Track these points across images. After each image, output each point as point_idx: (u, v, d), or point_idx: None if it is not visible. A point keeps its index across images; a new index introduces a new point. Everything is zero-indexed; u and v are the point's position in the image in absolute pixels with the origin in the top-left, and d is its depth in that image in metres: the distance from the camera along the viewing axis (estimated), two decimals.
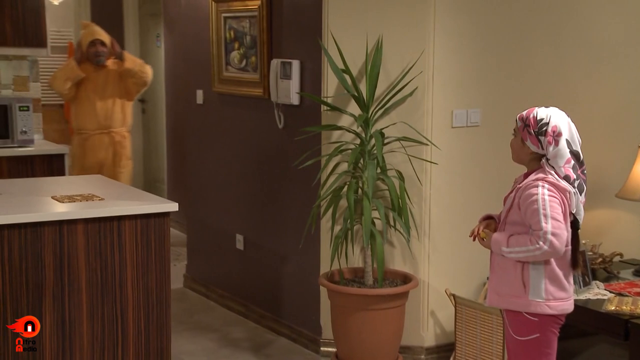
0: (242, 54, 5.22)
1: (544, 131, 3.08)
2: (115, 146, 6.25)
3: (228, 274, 5.57)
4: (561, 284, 3.16)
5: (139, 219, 3.75)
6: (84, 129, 6.19)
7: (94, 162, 6.19)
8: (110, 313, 3.73)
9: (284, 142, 4.86)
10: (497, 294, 3.23)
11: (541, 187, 3.05)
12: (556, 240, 3.00)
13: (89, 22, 6.51)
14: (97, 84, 6.16)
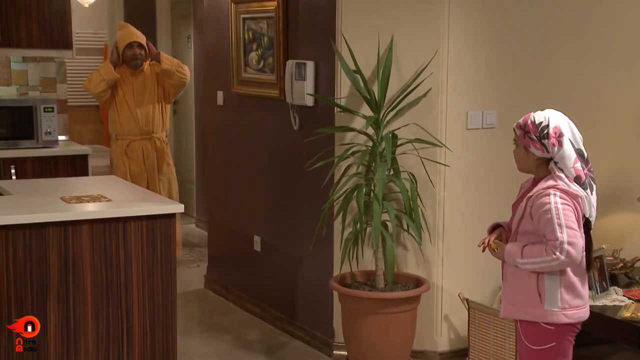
0: (259, 55, 5.21)
1: (546, 134, 3.01)
2: (157, 152, 6.14)
3: (246, 276, 5.56)
4: (577, 292, 3.08)
5: (145, 220, 3.75)
6: (124, 135, 6.07)
7: (136, 170, 6.06)
8: (115, 313, 3.74)
9: (299, 143, 4.83)
10: (512, 305, 3.15)
11: (553, 195, 2.97)
12: (573, 249, 2.93)
13: (126, 24, 6.30)
14: (135, 87, 6.05)
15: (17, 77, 6.36)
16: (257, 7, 5.15)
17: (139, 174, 6.05)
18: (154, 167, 6.11)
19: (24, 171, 5.79)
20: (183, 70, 6.08)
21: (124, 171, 6.05)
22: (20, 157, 5.79)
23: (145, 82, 6.09)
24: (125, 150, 6.06)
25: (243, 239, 5.52)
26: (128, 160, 6.06)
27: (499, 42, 4.50)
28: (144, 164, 6.10)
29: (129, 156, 6.07)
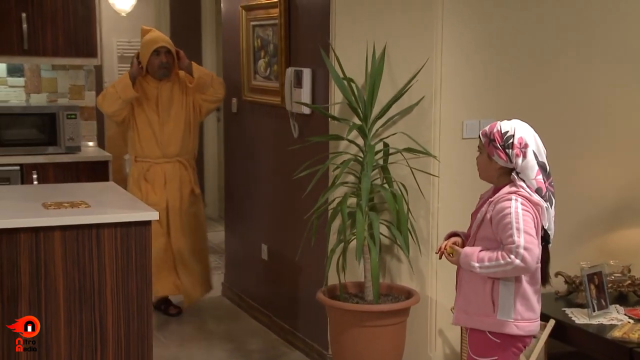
0: (266, 63, 5.18)
1: (511, 144, 2.95)
2: (181, 178, 5.32)
3: (255, 284, 5.53)
4: (531, 304, 3.02)
5: (119, 227, 3.74)
6: (144, 157, 5.28)
7: (154, 199, 5.19)
8: (88, 320, 3.75)
9: (300, 151, 4.77)
10: (465, 313, 3.10)
11: (514, 200, 2.92)
12: (529, 255, 2.85)
13: (150, 28, 5.45)
14: (160, 102, 5.25)
15: (47, 84, 6.48)
16: (264, 14, 5.12)
17: (157, 203, 5.14)
18: (177, 195, 5.29)
19: (46, 177, 5.88)
20: (217, 85, 5.32)
21: (138, 198, 5.02)
22: (42, 163, 5.89)
23: (172, 96, 5.28)
24: (144, 175, 5.28)
25: (253, 247, 5.50)
26: (146, 185, 5.27)
27: (497, 48, 4.36)
28: (166, 190, 5.28)
29: (147, 181, 5.27)
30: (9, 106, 6.17)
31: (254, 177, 5.46)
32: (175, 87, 5.30)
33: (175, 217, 5.30)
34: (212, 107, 5.42)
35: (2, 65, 6.31)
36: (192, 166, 5.41)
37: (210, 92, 5.28)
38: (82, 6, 6.12)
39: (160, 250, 5.24)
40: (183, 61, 5.25)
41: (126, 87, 5.13)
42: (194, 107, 5.33)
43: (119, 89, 5.14)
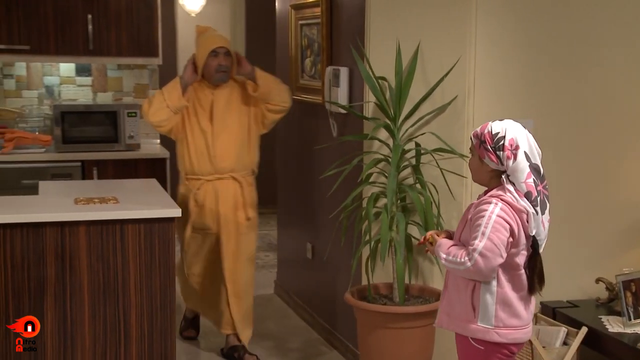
0: (312, 62, 5.18)
1: (502, 145, 2.84)
2: (236, 199, 4.58)
3: (301, 283, 5.54)
4: (514, 311, 2.91)
5: (142, 223, 3.82)
6: (194, 173, 4.56)
7: (209, 220, 4.57)
8: (112, 315, 3.84)
9: (338, 151, 4.75)
10: (447, 315, 3.05)
11: (494, 204, 2.83)
12: (482, 262, 2.77)
13: (207, 27, 4.76)
14: (214, 110, 4.54)
15: (113, 83, 6.67)
16: (310, 13, 5.12)
17: (207, 227, 4.59)
18: (231, 218, 4.57)
19: (106, 173, 6.06)
20: (282, 92, 4.62)
21: (193, 221, 4.57)
22: (102, 160, 6.06)
23: (230, 104, 4.57)
24: (194, 195, 4.54)
25: (299, 246, 5.51)
26: (196, 207, 4.55)
27: (533, 45, 4.21)
28: (218, 212, 4.55)
29: (197, 202, 4.55)
30: (72, 105, 6.38)
31: (301, 177, 5.47)
32: (234, 93, 4.61)
33: (229, 245, 4.56)
34: (277, 117, 4.66)
35: (71, 65, 6.54)
36: (250, 184, 4.62)
37: (276, 100, 4.58)
38: (145, 7, 6.27)
39: (212, 280, 4.70)
40: (245, 67, 4.58)
41: (176, 95, 4.44)
42: (255, 117, 4.62)
43: (168, 96, 4.45)
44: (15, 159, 5.99)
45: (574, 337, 3.97)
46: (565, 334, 4.03)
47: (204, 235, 4.62)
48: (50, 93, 6.56)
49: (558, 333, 4.03)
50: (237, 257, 4.62)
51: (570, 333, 4.03)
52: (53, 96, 6.56)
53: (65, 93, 6.59)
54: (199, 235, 4.63)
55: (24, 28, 6.02)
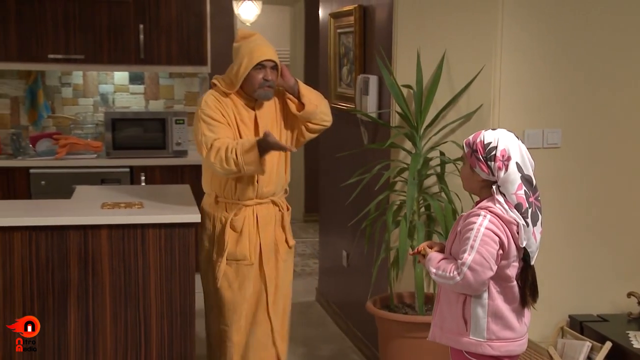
0: (348, 70, 5.19)
1: (493, 156, 2.80)
2: (276, 224, 4.04)
3: (339, 290, 5.55)
4: (507, 323, 2.87)
5: (163, 228, 3.90)
6: (231, 197, 3.94)
7: (246, 249, 3.94)
8: (133, 317, 3.92)
9: (369, 160, 4.75)
10: (440, 329, 3.01)
11: (482, 217, 2.79)
12: (472, 276, 2.73)
13: (253, 32, 4.04)
14: (259, 129, 3.92)
15: (165, 91, 6.82)
16: (346, 21, 5.14)
17: (245, 257, 3.95)
18: (271, 246, 4.01)
19: (153, 178, 6.19)
20: (326, 107, 4.03)
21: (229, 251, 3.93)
22: (150, 166, 6.20)
23: (274, 120, 3.99)
24: (230, 221, 3.93)
25: (336, 254, 5.52)
26: (233, 235, 3.94)
27: (561, 53, 4.15)
28: (258, 240, 3.96)
29: (235, 229, 3.93)
30: (123, 112, 6.55)
31: (337, 184, 5.48)
32: (276, 109, 4.02)
33: (271, 275, 4.01)
34: (313, 136, 4.11)
35: (125, 73, 6.72)
36: (287, 207, 4.11)
37: (318, 118, 3.99)
38: (195, 17, 6.40)
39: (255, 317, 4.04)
40: (288, 79, 3.95)
41: (253, 159, 3.69)
42: (292, 132, 4.07)
43: (246, 160, 3.69)
44: (68, 164, 6.18)
45: (599, 351, 3.88)
46: (590, 348, 3.94)
47: (237, 268, 3.94)
48: (105, 101, 6.75)
49: (582, 347, 3.95)
50: (278, 288, 4.06)
51: (594, 348, 3.94)
52: (107, 104, 6.75)
53: (119, 101, 6.77)
54: (230, 269, 3.93)
55: (79, 38, 6.22)
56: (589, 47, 4.16)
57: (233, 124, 3.88)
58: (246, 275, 3.95)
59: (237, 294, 3.96)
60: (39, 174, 6.10)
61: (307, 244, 7.83)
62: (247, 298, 3.97)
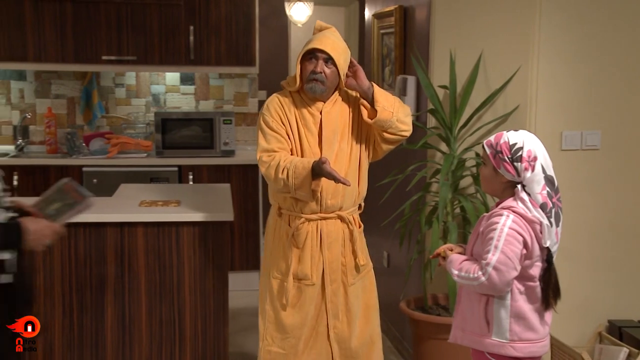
0: (390, 70, 5.19)
1: (519, 157, 2.78)
2: (344, 242, 3.68)
3: (380, 291, 5.53)
4: (529, 324, 2.84)
5: (197, 226, 3.96)
6: (294, 210, 3.62)
7: (309, 268, 3.61)
8: (168, 313, 3.99)
9: (408, 159, 4.74)
10: (462, 330, 2.99)
11: (505, 216, 2.77)
12: (497, 275, 2.71)
13: (329, 25, 3.68)
14: (324, 134, 3.58)
15: (215, 92, 6.92)
16: (388, 22, 5.14)
17: (306, 276, 3.62)
18: (337, 266, 3.66)
19: (201, 178, 6.28)
20: (404, 115, 3.58)
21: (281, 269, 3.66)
22: (198, 165, 6.29)
23: (342, 125, 3.62)
24: (292, 236, 3.62)
25: (379, 254, 5.52)
26: (294, 252, 3.62)
27: (599, 53, 4.08)
28: (322, 258, 3.63)
29: (297, 245, 3.62)
30: (172, 112, 6.66)
31: (380, 185, 5.48)
32: (346, 112, 3.63)
33: (334, 298, 3.67)
34: (391, 147, 3.70)
35: (176, 74, 6.83)
36: (359, 224, 3.76)
37: (394, 127, 3.56)
38: (244, 18, 6.47)
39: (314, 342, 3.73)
40: (362, 81, 3.55)
41: (306, 190, 3.44)
42: (367, 142, 3.68)
43: (296, 183, 3.43)
44: (118, 163, 6.31)
45: (636, 358, 3.81)
46: (627, 354, 3.87)
47: (299, 287, 3.63)
48: (157, 101, 6.88)
49: (619, 353, 3.88)
50: (349, 313, 3.70)
51: (632, 354, 3.86)
52: (159, 104, 6.87)
53: (170, 101, 6.89)
54: (292, 288, 3.64)
55: (132, 40, 6.34)
56: (628, 47, 4.08)
57: (294, 130, 3.56)
58: (308, 296, 3.61)
59: (297, 316, 3.63)
60: (91, 173, 6.24)
61: None
62: (307, 321, 3.64)
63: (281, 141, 3.56)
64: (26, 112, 6.64)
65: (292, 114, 3.58)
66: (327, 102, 3.59)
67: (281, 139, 3.56)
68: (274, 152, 3.52)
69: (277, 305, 3.65)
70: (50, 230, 2.67)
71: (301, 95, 3.60)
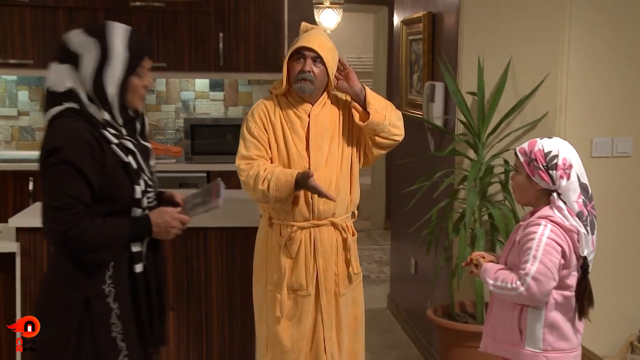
0: (418, 77, 5.18)
1: (555, 165, 2.76)
2: (338, 250, 3.54)
3: (407, 298, 5.53)
4: (563, 334, 2.81)
5: (224, 231, 3.98)
6: (285, 218, 3.50)
7: (303, 278, 3.49)
8: (195, 317, 4.01)
9: (436, 166, 4.73)
10: (493, 339, 2.94)
11: (543, 226, 2.74)
12: (536, 286, 2.68)
13: (314, 26, 3.60)
14: (312, 136, 3.49)
15: (243, 98, 6.95)
16: (416, 28, 5.14)
17: (301, 287, 3.50)
18: (330, 275, 3.52)
19: (229, 183, 6.23)
20: (395, 119, 3.53)
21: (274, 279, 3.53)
22: (226, 171, 6.31)
23: (331, 128, 3.52)
24: (285, 246, 3.49)
25: (406, 261, 5.51)
26: (287, 261, 3.49)
27: (630, 59, 4.05)
28: (314, 266, 3.50)
29: (289, 255, 3.50)
30: (201, 118, 6.70)
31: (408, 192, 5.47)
32: (336, 114, 3.54)
33: (330, 309, 3.54)
34: (382, 153, 3.63)
35: (205, 80, 6.87)
36: (353, 232, 3.60)
37: (386, 131, 3.49)
38: (273, 25, 6.49)
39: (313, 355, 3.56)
40: (354, 84, 3.49)
41: (286, 203, 3.39)
42: (358, 147, 3.59)
43: (277, 190, 3.36)
44: None
45: None
46: None
47: (295, 299, 3.51)
48: (186, 107, 6.92)
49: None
50: (339, 324, 3.58)
51: None
52: (188, 110, 6.91)
53: (199, 107, 6.93)
54: (289, 301, 3.52)
55: (162, 47, 6.39)
56: None
57: (279, 134, 3.47)
58: (305, 308, 3.49)
59: (295, 329, 3.50)
60: None
61: (384, 251, 7.82)
62: (305, 333, 3.52)
63: (260, 149, 3.47)
64: None
65: (277, 118, 3.49)
66: (315, 105, 3.50)
67: (260, 147, 3.47)
68: (252, 160, 3.46)
69: (274, 320, 3.51)
70: (177, 222, 2.76)
71: (288, 99, 3.53)
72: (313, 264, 3.48)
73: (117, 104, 2.64)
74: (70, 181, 2.55)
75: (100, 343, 2.62)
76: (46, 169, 2.59)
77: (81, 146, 2.55)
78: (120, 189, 2.65)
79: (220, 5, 6.36)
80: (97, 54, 2.61)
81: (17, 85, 6.63)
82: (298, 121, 3.48)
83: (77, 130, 2.57)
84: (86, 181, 2.56)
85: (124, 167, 2.65)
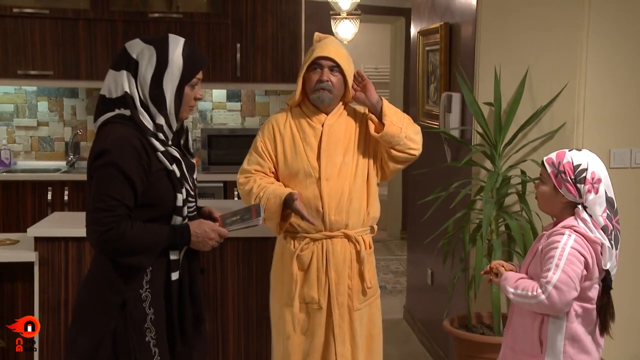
0: (435, 87, 5.18)
1: (583, 178, 2.73)
2: (352, 264, 3.49)
3: (424, 309, 5.51)
4: (583, 346, 2.79)
5: (241, 241, 3.98)
6: (297, 230, 3.49)
7: (315, 291, 3.46)
8: (211, 327, 4.01)
9: (452, 177, 4.72)
10: (512, 350, 2.92)
11: (567, 235, 2.73)
12: (557, 295, 2.66)
13: (327, 35, 3.61)
14: (324, 146, 3.47)
15: (260, 108, 6.97)
16: (433, 39, 5.13)
17: (312, 300, 3.47)
18: (343, 289, 3.47)
19: None
20: (413, 132, 3.50)
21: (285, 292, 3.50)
22: None
23: (346, 139, 3.50)
24: (296, 258, 3.47)
25: (422, 272, 5.49)
26: (299, 274, 3.47)
27: None
28: (326, 279, 3.46)
29: (301, 267, 3.47)
30: (218, 128, 6.72)
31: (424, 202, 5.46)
32: (352, 125, 3.52)
33: (342, 323, 3.48)
34: (399, 167, 3.59)
35: (222, 91, 6.90)
36: (369, 245, 3.55)
37: (402, 144, 3.45)
38: (290, 35, 6.52)
39: None
40: (371, 95, 3.46)
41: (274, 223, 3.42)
42: (374, 160, 3.55)
43: (266, 215, 3.36)
44: None
45: None
46: None
47: (307, 312, 3.48)
48: (203, 117, 6.95)
49: None
50: (353, 340, 3.50)
51: None
52: (205, 120, 6.94)
53: (216, 117, 6.96)
54: (302, 314, 3.49)
55: None
56: None
57: (288, 146, 3.47)
58: (317, 322, 3.46)
59: (308, 343, 3.47)
60: None
61: (400, 261, 7.81)
62: (317, 347, 3.47)
63: (261, 164, 3.54)
64: (78, 129, 6.75)
65: (288, 130, 3.51)
66: (330, 115, 3.49)
67: (262, 162, 3.54)
68: (250, 175, 3.54)
69: (286, 333, 3.49)
70: (216, 234, 2.78)
71: (302, 109, 3.54)
72: (325, 276, 3.45)
73: (174, 109, 2.65)
74: (115, 184, 2.57)
75: (135, 346, 2.64)
76: (93, 171, 2.62)
77: (128, 150, 2.58)
78: (163, 195, 2.68)
79: (237, 16, 6.39)
80: (156, 61, 2.63)
81: (37, 96, 6.68)
82: (311, 131, 3.48)
83: (126, 136, 2.60)
84: (131, 185, 2.59)
85: (167, 174, 2.67)
